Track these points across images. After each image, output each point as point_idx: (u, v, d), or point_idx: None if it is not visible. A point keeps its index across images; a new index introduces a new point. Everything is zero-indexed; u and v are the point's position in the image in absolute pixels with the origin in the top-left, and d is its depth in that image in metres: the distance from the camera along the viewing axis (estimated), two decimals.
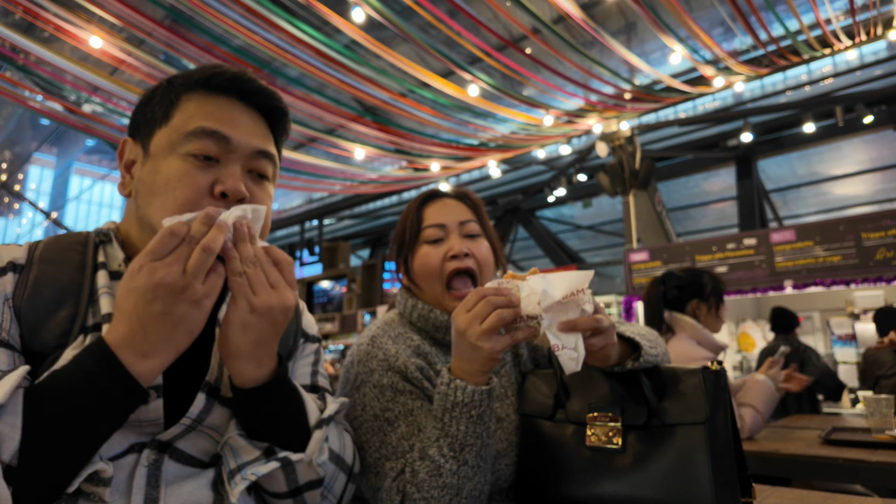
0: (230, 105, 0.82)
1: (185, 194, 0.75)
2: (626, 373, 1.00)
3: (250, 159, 0.82)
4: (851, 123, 6.99)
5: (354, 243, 13.80)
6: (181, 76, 0.84)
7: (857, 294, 5.25)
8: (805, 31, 5.15)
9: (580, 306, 0.85)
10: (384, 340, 1.08)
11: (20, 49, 5.44)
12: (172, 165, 0.77)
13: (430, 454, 0.91)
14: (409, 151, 7.84)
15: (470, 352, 0.87)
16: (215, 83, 0.82)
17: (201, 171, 0.77)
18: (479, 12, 5.60)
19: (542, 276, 0.85)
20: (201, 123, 0.78)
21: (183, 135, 0.78)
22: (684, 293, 2.39)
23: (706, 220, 10.80)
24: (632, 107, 6.74)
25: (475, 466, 0.91)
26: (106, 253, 0.82)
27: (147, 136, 0.81)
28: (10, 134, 11.97)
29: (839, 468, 1.93)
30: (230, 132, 0.79)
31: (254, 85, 0.84)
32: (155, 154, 0.79)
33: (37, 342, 0.71)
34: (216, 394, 0.78)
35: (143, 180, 0.79)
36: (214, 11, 4.65)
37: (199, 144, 0.77)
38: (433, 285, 1.11)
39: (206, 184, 0.77)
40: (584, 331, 0.85)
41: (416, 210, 1.16)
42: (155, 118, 0.81)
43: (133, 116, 0.86)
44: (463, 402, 0.89)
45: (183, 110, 0.80)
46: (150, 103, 0.83)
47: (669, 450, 0.90)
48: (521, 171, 10.06)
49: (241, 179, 0.79)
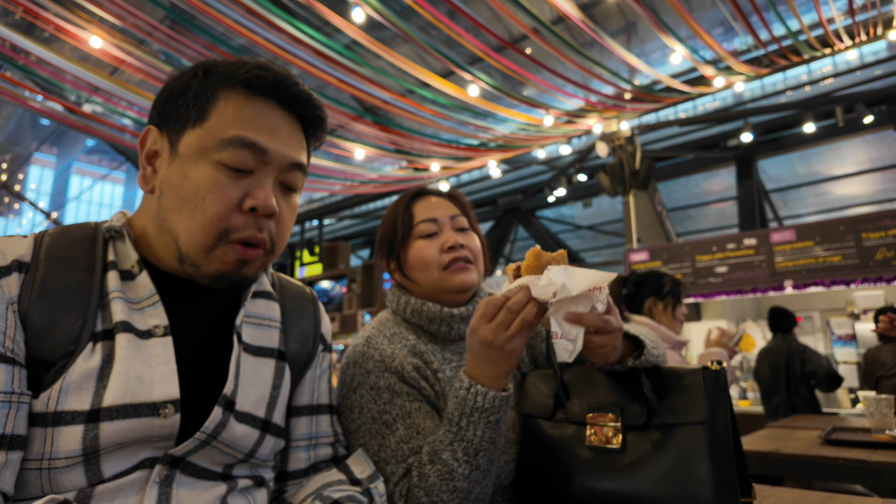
0: (270, 111, 0.77)
1: (214, 208, 0.72)
2: (626, 373, 1.00)
3: (283, 171, 0.78)
4: (851, 123, 6.99)
5: (354, 243, 13.80)
6: (220, 69, 0.77)
7: (858, 294, 5.25)
8: (805, 31, 5.14)
9: (592, 302, 0.85)
10: (380, 341, 1.07)
11: (20, 49, 5.44)
12: (203, 173, 0.73)
13: (443, 458, 0.90)
14: (410, 151, 7.84)
15: (497, 355, 0.88)
16: (259, 86, 0.76)
17: (233, 182, 0.73)
18: (479, 13, 5.60)
19: (564, 269, 0.84)
20: (239, 132, 0.74)
21: (218, 141, 0.73)
22: (642, 291, 2.43)
23: (706, 220, 10.79)
24: (632, 107, 6.74)
25: (486, 471, 0.92)
26: (116, 251, 0.77)
27: (178, 132, 0.75)
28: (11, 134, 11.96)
29: (839, 468, 1.93)
30: (268, 143, 0.75)
31: (298, 91, 0.79)
32: (185, 155, 0.74)
33: (43, 349, 0.67)
34: (232, 407, 0.74)
35: (169, 181, 0.75)
36: (214, 11, 4.65)
37: (235, 155, 0.73)
38: (431, 273, 1.10)
39: (237, 197, 0.74)
40: (590, 327, 0.86)
41: (405, 207, 1.16)
42: (188, 114, 0.75)
43: (160, 105, 0.78)
44: (483, 408, 0.89)
45: (220, 111, 0.75)
46: (183, 95, 0.76)
47: (669, 450, 0.90)
48: (521, 171, 10.05)
49: (272, 194, 0.76)
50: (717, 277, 5.36)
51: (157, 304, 0.74)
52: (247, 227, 0.74)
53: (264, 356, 0.82)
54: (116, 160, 12.74)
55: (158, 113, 0.78)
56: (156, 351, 0.71)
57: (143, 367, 0.69)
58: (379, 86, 6.00)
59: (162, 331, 0.73)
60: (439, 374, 1.06)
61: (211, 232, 0.73)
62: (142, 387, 0.68)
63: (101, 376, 0.67)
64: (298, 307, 0.93)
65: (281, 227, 0.79)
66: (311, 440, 0.89)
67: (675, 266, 5.63)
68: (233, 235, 0.74)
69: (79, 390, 0.65)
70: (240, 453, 0.76)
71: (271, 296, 0.89)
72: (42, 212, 14.14)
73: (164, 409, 0.68)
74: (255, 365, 0.80)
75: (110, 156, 12.88)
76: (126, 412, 0.66)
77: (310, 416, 0.90)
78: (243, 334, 0.80)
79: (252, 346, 0.81)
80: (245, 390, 0.77)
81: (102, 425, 0.64)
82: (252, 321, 0.83)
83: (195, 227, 0.72)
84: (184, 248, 0.74)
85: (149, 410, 0.67)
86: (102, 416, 0.65)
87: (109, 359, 0.68)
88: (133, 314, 0.73)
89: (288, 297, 0.93)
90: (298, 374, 0.89)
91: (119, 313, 0.71)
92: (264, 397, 0.80)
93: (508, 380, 0.93)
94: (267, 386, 0.81)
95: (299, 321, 0.91)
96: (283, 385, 0.84)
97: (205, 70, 0.77)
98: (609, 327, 0.87)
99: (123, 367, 0.68)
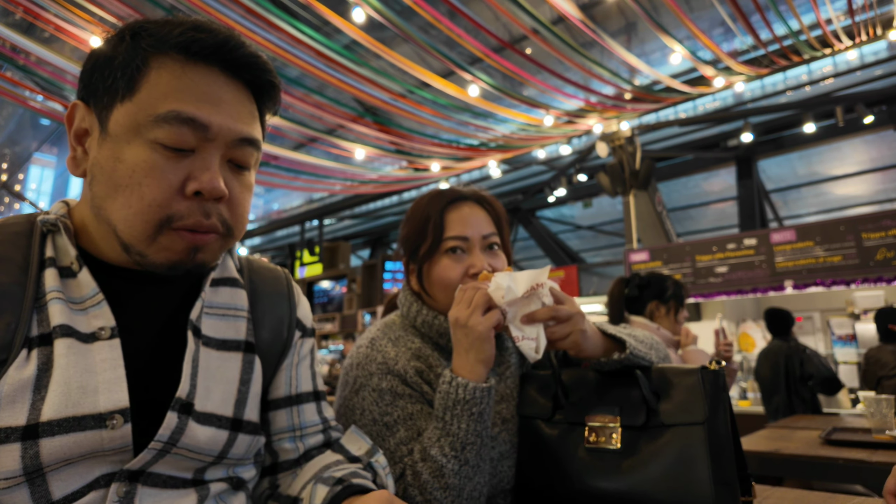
0: (212, 78, 0.67)
1: (152, 194, 0.64)
2: (624, 373, 1.00)
3: (231, 148, 0.69)
4: (852, 123, 6.99)
5: (355, 243, 13.80)
6: (150, 32, 0.66)
7: (858, 294, 5.24)
8: (805, 32, 5.15)
9: (540, 299, 0.94)
10: (383, 343, 1.06)
11: (20, 49, 5.45)
12: (138, 155, 0.64)
13: (431, 454, 0.91)
14: (410, 152, 7.85)
15: (466, 337, 0.93)
16: (196, 50, 0.66)
17: (172, 163, 0.65)
18: (479, 13, 5.60)
19: (508, 274, 0.94)
20: (175, 106, 0.64)
21: (152, 117, 0.64)
22: (645, 293, 2.43)
23: (706, 221, 10.79)
24: (632, 107, 6.75)
25: (475, 466, 0.92)
26: (55, 245, 0.69)
27: (106, 107, 0.66)
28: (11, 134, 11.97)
29: (839, 468, 1.93)
30: (210, 117, 0.66)
31: (243, 53, 0.69)
32: (115, 134, 0.65)
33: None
34: (189, 410, 0.67)
35: (100, 164, 0.66)
36: (214, 11, 4.65)
37: (171, 132, 0.64)
38: (450, 294, 1.07)
39: (178, 181, 0.65)
40: (544, 320, 0.93)
41: (438, 214, 1.10)
42: (116, 87, 0.65)
43: (86, 76, 0.68)
44: (464, 399, 0.91)
45: (153, 82, 0.65)
46: (110, 64, 0.66)
47: (669, 450, 0.90)
48: (522, 172, 10.06)
49: (219, 175, 0.67)
50: (718, 277, 5.36)
51: (102, 304, 0.67)
52: (191, 213, 0.66)
53: (229, 349, 0.75)
54: None
55: (84, 85, 0.69)
56: (101, 355, 0.64)
57: (87, 375, 0.62)
58: (379, 86, 6.00)
59: (108, 333, 0.65)
60: (444, 370, 1.05)
61: (150, 220, 0.64)
62: (85, 396, 0.61)
63: (37, 387, 0.60)
64: (270, 292, 0.85)
65: (236, 210, 0.71)
66: (296, 431, 0.83)
67: (676, 266, 5.63)
68: (176, 223, 0.65)
69: (12, 404, 0.58)
70: (208, 456, 0.69)
71: (237, 282, 0.81)
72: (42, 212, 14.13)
73: (111, 419, 0.61)
74: (220, 360, 0.73)
75: None
76: (68, 426, 0.59)
77: (289, 407, 0.83)
78: (204, 327, 0.73)
79: (215, 339, 0.74)
80: (208, 388, 0.70)
81: (42, 442, 0.58)
82: (214, 312, 0.76)
83: (132, 215, 0.64)
84: (124, 237, 0.66)
85: (94, 422, 0.60)
86: (42, 432, 0.58)
87: (47, 367, 0.61)
88: (75, 316, 0.65)
89: (258, 282, 0.85)
90: (273, 366, 0.82)
91: (58, 316, 0.63)
92: (231, 394, 0.73)
93: (490, 374, 0.96)
94: (234, 382, 0.74)
95: (272, 308, 0.84)
96: (254, 379, 0.77)
97: (132, 33, 0.67)
98: (560, 314, 0.93)
99: (63, 375, 0.61)
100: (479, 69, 6.05)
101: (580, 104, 6.77)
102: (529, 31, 5.30)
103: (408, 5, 4.78)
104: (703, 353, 2.37)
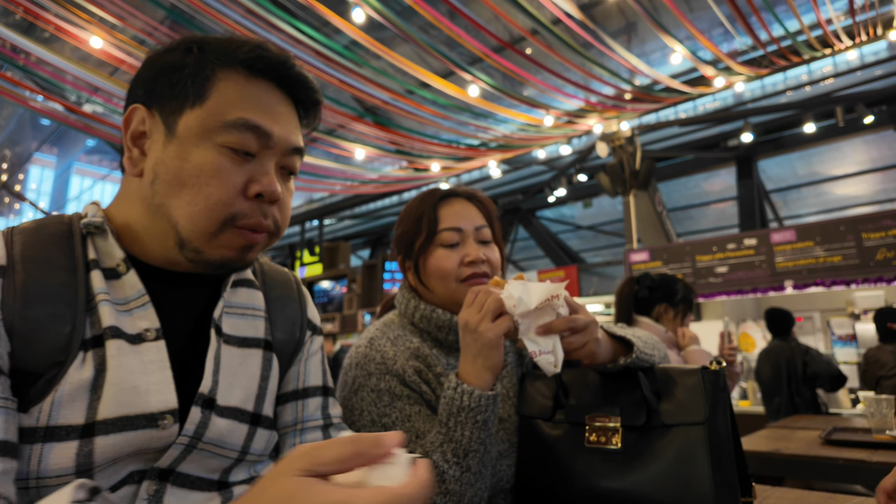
0: (270, 92, 0.74)
1: (218, 192, 0.69)
2: (625, 373, 1.00)
3: (284, 156, 0.76)
4: (852, 124, 6.99)
5: (355, 243, 13.80)
6: (215, 47, 0.73)
7: (858, 294, 5.24)
8: (805, 32, 5.15)
9: (555, 310, 0.90)
10: (382, 343, 1.06)
11: (21, 49, 5.45)
12: (206, 156, 0.69)
13: (433, 459, 0.90)
14: (410, 152, 7.85)
15: (475, 342, 0.90)
16: (259, 67, 0.73)
17: (236, 167, 0.70)
18: (479, 13, 5.60)
19: (522, 284, 0.91)
20: (243, 114, 0.70)
21: (221, 123, 0.70)
22: (655, 295, 2.42)
23: (706, 221, 10.79)
24: (632, 107, 6.74)
25: (477, 473, 0.91)
26: (97, 247, 0.72)
27: (174, 112, 0.71)
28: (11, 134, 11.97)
29: (839, 468, 1.93)
30: (272, 127, 0.72)
31: (296, 72, 0.76)
32: (184, 136, 0.70)
33: (29, 360, 0.62)
34: (212, 405, 0.70)
35: (165, 164, 0.70)
36: (215, 12, 4.65)
37: (239, 138, 0.70)
38: (448, 284, 1.09)
39: (241, 182, 0.71)
40: (560, 331, 0.90)
41: (431, 210, 1.13)
42: (185, 93, 0.70)
43: (147, 82, 0.73)
44: (469, 407, 0.90)
45: (221, 92, 0.71)
46: (178, 72, 0.71)
47: (669, 450, 0.90)
48: (522, 172, 10.06)
49: (276, 179, 0.73)
50: (718, 277, 5.36)
51: (147, 306, 0.70)
52: (253, 213, 0.72)
53: (250, 346, 0.79)
54: (117, 160, 12.76)
55: (146, 91, 0.73)
56: (149, 356, 0.67)
57: (137, 376, 0.65)
58: (379, 86, 6.00)
59: (153, 334, 0.69)
60: (442, 378, 1.05)
61: (215, 218, 0.69)
62: (138, 397, 0.64)
63: (94, 387, 0.63)
64: (282, 295, 0.89)
65: (283, 212, 0.77)
66: (297, 425, 0.85)
67: (676, 266, 5.63)
68: (239, 222, 0.71)
69: (72, 403, 0.61)
70: (232, 451, 0.72)
71: (253, 284, 0.86)
72: (42, 212, 14.14)
73: (162, 419, 0.64)
74: (241, 357, 0.77)
75: (111, 156, 12.89)
76: (122, 424, 0.62)
77: (295, 401, 0.86)
78: (225, 326, 0.77)
79: (235, 336, 0.78)
80: (230, 384, 0.74)
81: (97, 440, 0.61)
82: (234, 311, 0.80)
83: (197, 212, 0.69)
84: (184, 234, 0.70)
85: (146, 422, 0.64)
86: (98, 431, 0.61)
87: (102, 368, 0.64)
88: (121, 317, 0.68)
89: (271, 284, 0.89)
90: (286, 364, 0.86)
91: (107, 318, 0.66)
92: (252, 390, 0.77)
93: (496, 380, 0.93)
94: (255, 378, 0.78)
95: (285, 309, 0.88)
96: (272, 377, 0.81)
97: (199, 46, 0.73)
98: (577, 324, 0.90)
99: (116, 376, 0.64)
100: (479, 69, 6.06)
101: (580, 104, 6.77)
102: (527, 34, 5.30)
103: (408, 5, 4.78)
104: (706, 353, 2.36)
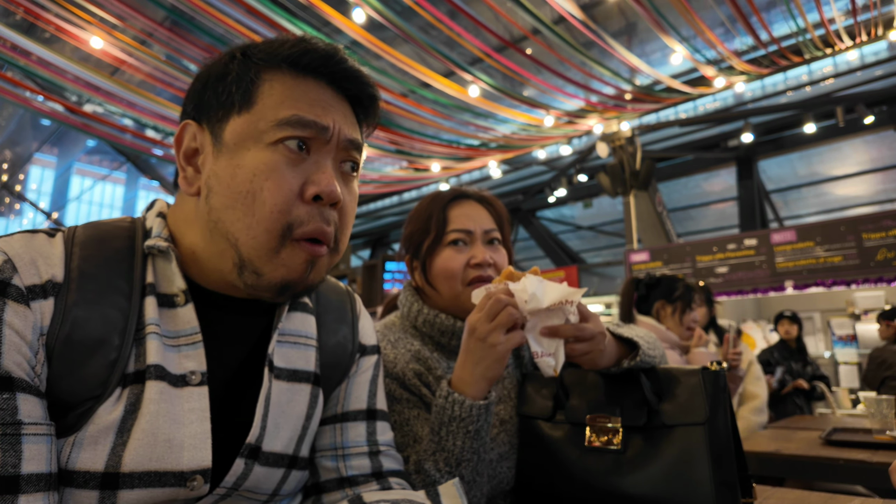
0: (321, 89, 0.69)
1: (273, 198, 0.62)
2: (626, 374, 0.99)
3: (342, 150, 0.69)
4: (852, 124, 6.99)
5: (355, 243, 13.80)
6: (259, 49, 0.68)
7: (858, 294, 5.24)
8: (810, 30, 5.14)
9: (565, 315, 0.88)
10: (383, 345, 1.06)
11: (21, 49, 5.45)
12: (258, 158, 0.63)
13: (425, 468, 0.89)
14: (410, 152, 7.84)
15: (481, 350, 0.87)
16: (305, 63, 0.68)
17: (291, 167, 0.64)
18: (480, 13, 5.60)
19: (539, 280, 0.87)
20: (295, 111, 0.65)
21: (273, 122, 0.64)
22: (653, 293, 2.45)
23: (707, 221, 10.78)
24: (632, 107, 6.74)
25: (471, 482, 0.91)
26: (156, 269, 0.66)
27: (220, 121, 0.66)
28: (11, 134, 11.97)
29: (840, 469, 1.93)
30: (326, 120, 0.67)
31: (347, 66, 0.70)
32: (232, 143, 0.65)
33: (64, 390, 0.57)
34: (257, 454, 0.66)
35: (217, 175, 0.65)
36: (216, 12, 4.65)
37: (292, 133, 0.65)
38: (454, 285, 1.08)
39: (297, 184, 0.64)
40: (566, 337, 0.88)
41: (441, 209, 1.11)
42: (231, 100, 0.66)
43: (196, 95, 0.69)
44: (460, 417, 0.88)
45: (268, 93, 0.66)
46: (222, 81, 0.67)
47: (669, 450, 0.90)
48: (522, 172, 10.06)
49: (334, 177, 0.67)
50: (718, 278, 5.36)
51: (198, 345, 0.65)
52: (312, 219, 0.65)
53: (300, 381, 0.73)
54: (117, 160, 12.75)
55: (195, 105, 0.69)
56: (189, 404, 0.62)
57: (173, 427, 0.60)
58: (379, 86, 5.98)
59: (198, 378, 0.63)
60: (442, 381, 1.05)
61: (274, 228, 0.63)
62: (170, 451, 0.59)
63: (121, 430, 0.58)
64: (336, 318, 0.82)
65: (345, 219, 0.70)
66: (337, 450, 0.78)
67: (676, 266, 5.63)
68: (297, 230, 0.64)
69: (94, 444, 0.57)
70: (263, 495, 0.68)
71: (307, 308, 0.79)
72: (43, 212, 14.15)
73: (192, 480, 0.60)
74: (290, 393, 0.72)
75: (111, 156, 12.88)
76: (149, 480, 0.57)
77: (333, 424, 0.80)
78: (276, 358, 0.71)
79: (286, 370, 0.72)
80: (277, 426, 0.69)
81: (121, 493, 0.56)
82: (286, 340, 0.74)
83: (255, 224, 0.62)
84: (244, 252, 0.64)
85: (175, 480, 0.59)
86: (122, 484, 0.57)
87: (134, 408, 0.59)
88: (167, 353, 0.63)
89: (325, 305, 0.82)
90: (329, 392, 0.80)
91: (153, 354, 0.61)
92: (296, 431, 0.72)
93: (491, 387, 0.91)
94: (300, 418, 0.72)
95: (336, 335, 0.81)
96: (316, 416, 0.75)
97: (243, 52, 0.69)
98: (585, 333, 0.88)
99: (151, 424, 0.59)
100: (480, 69, 6.05)
101: (581, 104, 6.77)
102: (528, 33, 5.30)
103: (408, 5, 4.78)
104: (710, 354, 2.37)
